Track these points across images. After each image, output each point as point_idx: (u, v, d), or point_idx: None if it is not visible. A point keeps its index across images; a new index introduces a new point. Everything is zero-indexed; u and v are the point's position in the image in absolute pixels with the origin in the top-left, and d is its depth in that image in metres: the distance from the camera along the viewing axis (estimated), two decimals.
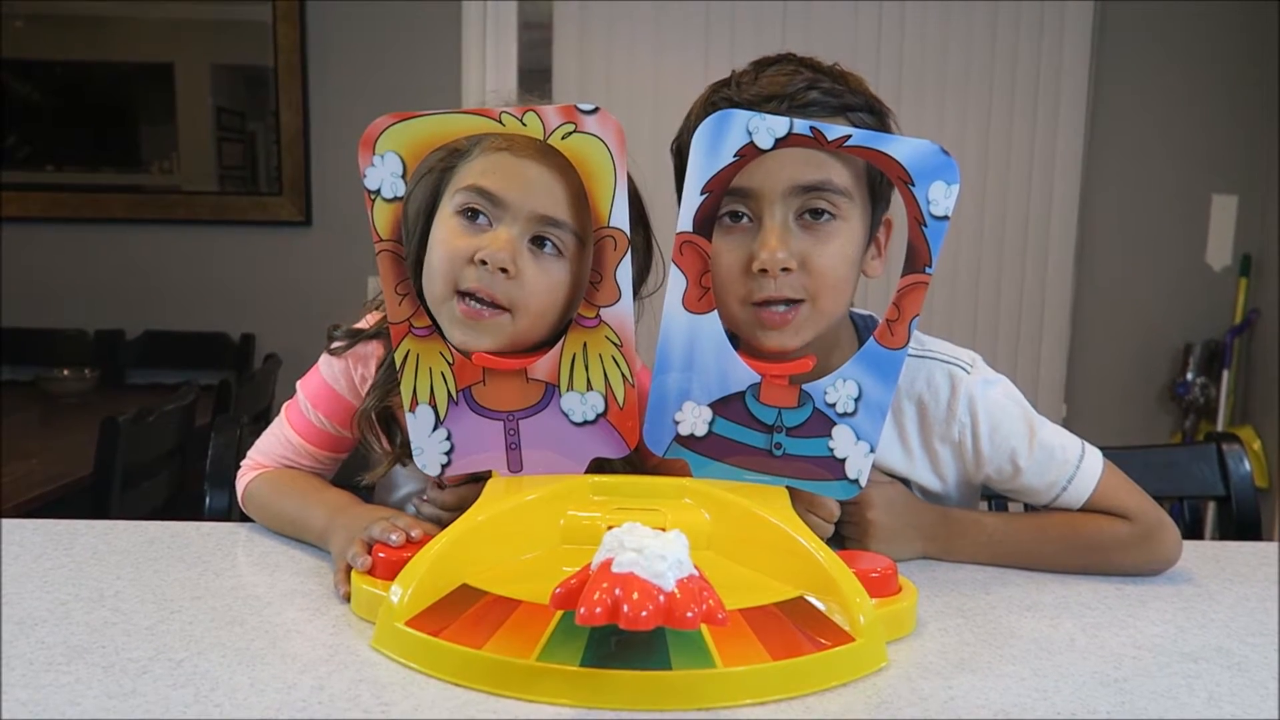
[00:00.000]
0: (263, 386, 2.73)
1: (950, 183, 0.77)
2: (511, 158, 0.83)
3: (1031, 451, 0.94)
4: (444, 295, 0.83)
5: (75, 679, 0.64)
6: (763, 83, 0.88)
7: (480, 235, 0.83)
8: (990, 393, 0.96)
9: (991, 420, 0.95)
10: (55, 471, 2.00)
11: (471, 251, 0.82)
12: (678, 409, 0.82)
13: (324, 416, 0.98)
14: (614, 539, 0.64)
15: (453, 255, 0.83)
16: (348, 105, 3.12)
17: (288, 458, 1.00)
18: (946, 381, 0.96)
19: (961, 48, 3.06)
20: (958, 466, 0.98)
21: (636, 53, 3.09)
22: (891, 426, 0.98)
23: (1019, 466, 0.95)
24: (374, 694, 0.63)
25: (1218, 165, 3.09)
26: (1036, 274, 3.14)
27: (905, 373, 0.97)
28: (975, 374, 0.96)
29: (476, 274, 0.82)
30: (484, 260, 0.81)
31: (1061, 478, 0.94)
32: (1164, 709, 0.64)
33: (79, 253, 3.24)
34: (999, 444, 0.95)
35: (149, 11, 3.18)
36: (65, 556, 0.88)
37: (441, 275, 0.83)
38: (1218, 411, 3.03)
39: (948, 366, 0.97)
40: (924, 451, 0.98)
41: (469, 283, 0.82)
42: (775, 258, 0.83)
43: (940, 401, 0.96)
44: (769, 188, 0.84)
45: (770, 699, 0.63)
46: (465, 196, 0.84)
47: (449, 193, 0.86)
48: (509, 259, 0.81)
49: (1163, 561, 0.92)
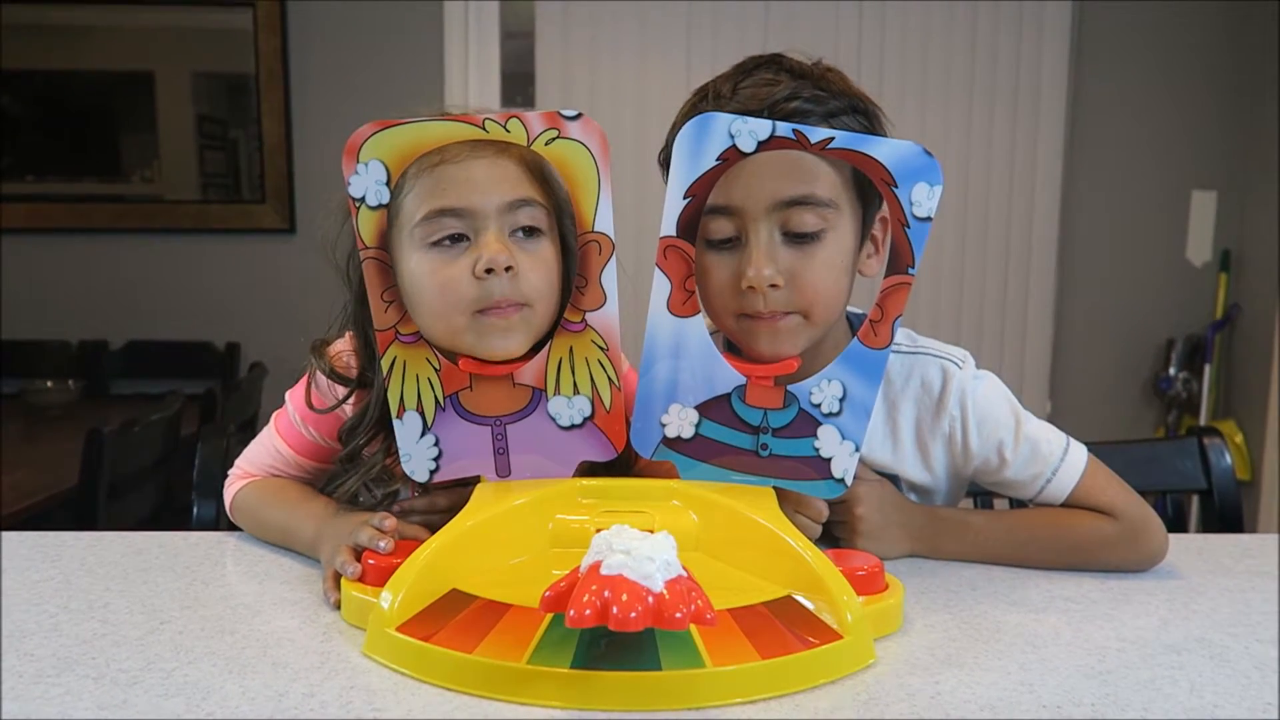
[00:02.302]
0: (249, 395, 2.72)
1: (933, 184, 0.78)
2: (453, 168, 0.81)
3: (1017, 444, 0.95)
4: (463, 322, 0.81)
5: (65, 690, 0.64)
6: (743, 96, 0.86)
7: (467, 254, 0.81)
8: (980, 386, 0.97)
9: (980, 413, 0.96)
10: (40, 483, 1.98)
11: (468, 270, 0.80)
12: (664, 411, 0.82)
13: (314, 430, 0.97)
14: (602, 541, 0.64)
15: (452, 283, 0.81)
16: (330, 112, 3.11)
17: (275, 468, 1.00)
18: (939, 375, 0.97)
19: (942, 48, 3.08)
20: (947, 460, 0.99)
21: (619, 56, 3.09)
22: (884, 421, 0.99)
23: (1004, 459, 0.96)
24: (366, 700, 0.63)
25: (1197, 162, 3.12)
26: (1019, 272, 3.16)
27: (898, 368, 0.98)
28: (966, 368, 0.98)
29: (487, 287, 0.80)
30: (488, 269, 0.80)
31: (1046, 470, 0.95)
32: (1148, 700, 0.65)
33: (61, 263, 3.22)
34: (987, 436, 0.96)
35: (129, 20, 3.16)
36: (53, 568, 0.87)
37: (450, 307, 0.81)
38: (1200, 406, 3.05)
39: (940, 361, 0.98)
40: (915, 446, 0.99)
41: (485, 299, 0.80)
42: (762, 275, 0.83)
43: (932, 395, 0.98)
44: (752, 204, 0.83)
45: (760, 697, 0.64)
46: (432, 226, 0.81)
47: (403, 228, 0.82)
48: (508, 257, 0.80)
49: (1149, 558, 0.92)
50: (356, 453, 0.90)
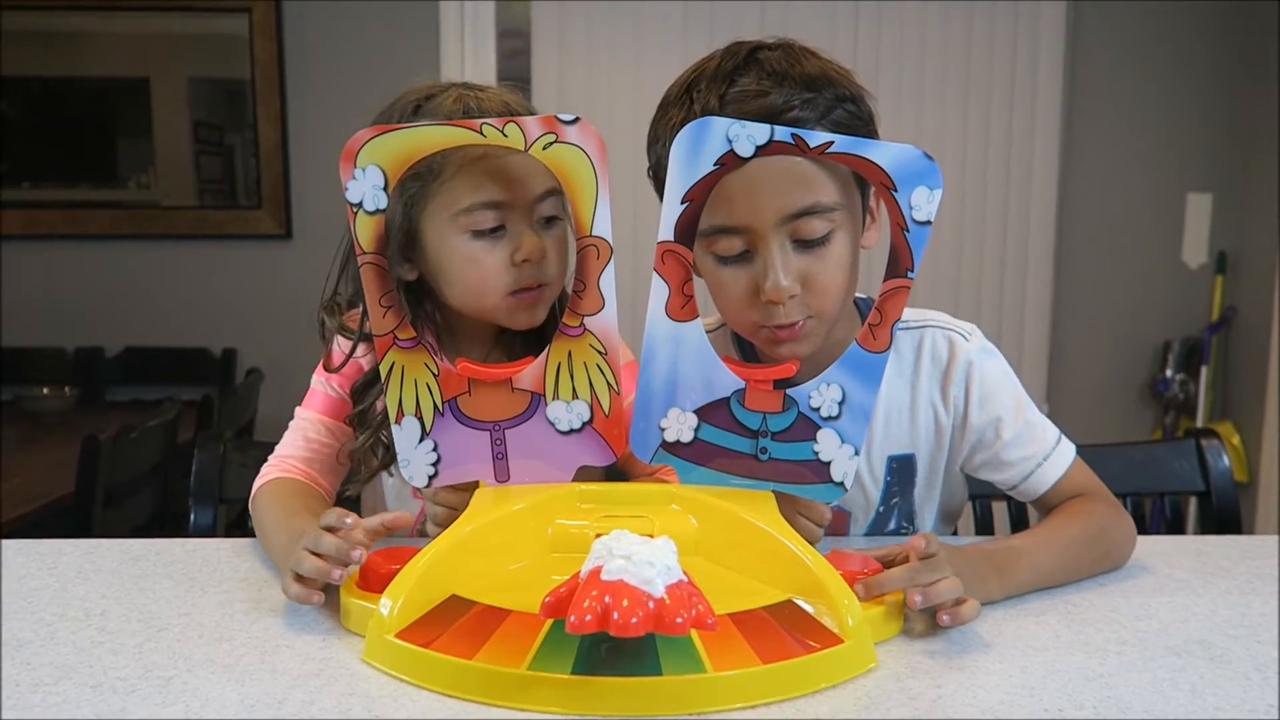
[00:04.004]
0: (246, 401, 2.71)
1: (933, 188, 0.78)
2: (494, 162, 0.88)
3: (1015, 424, 0.97)
4: (497, 301, 0.92)
5: (64, 699, 0.64)
6: (733, 113, 0.82)
7: (504, 242, 0.90)
8: (987, 362, 0.99)
9: (984, 388, 0.98)
10: (36, 491, 1.98)
11: (507, 257, 0.90)
12: (663, 415, 0.82)
13: (337, 386, 1.01)
14: (602, 546, 0.64)
15: (496, 270, 0.90)
16: (326, 117, 3.11)
17: (309, 437, 1.00)
18: (946, 346, 0.99)
19: (936, 50, 3.09)
20: (948, 431, 1.00)
21: (616, 59, 3.09)
22: (906, 400, 0.99)
23: (1000, 436, 0.97)
24: (365, 707, 0.63)
25: (1192, 164, 3.12)
26: (1015, 274, 3.16)
27: (908, 344, 1.00)
28: (974, 341, 0.99)
29: (519, 273, 0.91)
30: (526, 259, 0.90)
31: (1038, 454, 0.97)
32: (1149, 702, 0.65)
33: (57, 269, 3.21)
34: (988, 410, 0.98)
35: (125, 26, 3.16)
36: (50, 576, 0.87)
37: (490, 291, 0.91)
38: (1197, 408, 3.06)
39: (947, 333, 1.00)
40: (933, 425, 1.00)
41: (521, 282, 0.91)
42: (780, 288, 0.83)
43: (940, 367, 0.99)
44: (760, 221, 0.83)
45: (761, 702, 0.64)
46: (476, 217, 0.89)
47: (442, 215, 0.90)
48: (544, 249, 0.91)
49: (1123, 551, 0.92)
50: (367, 411, 0.96)
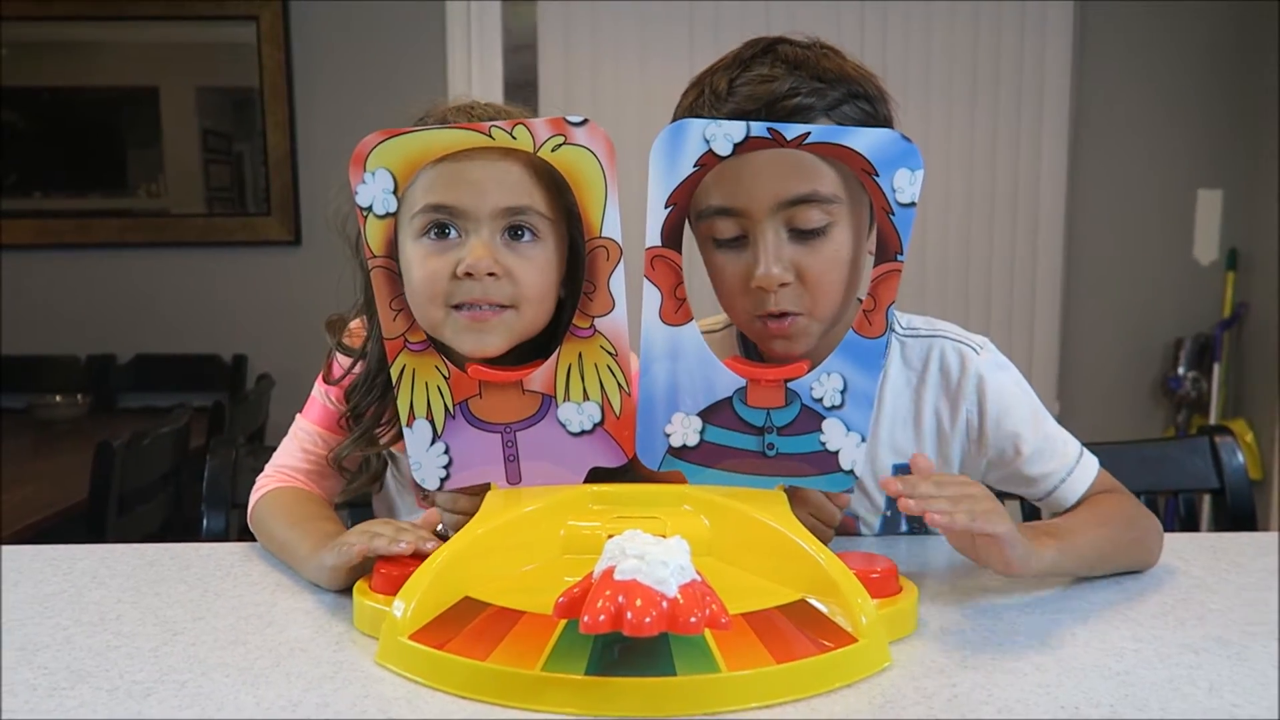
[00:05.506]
0: (256, 407, 2.72)
1: (914, 169, 0.78)
2: (454, 164, 0.81)
3: (1035, 438, 0.95)
4: (441, 315, 0.83)
5: (80, 703, 0.64)
6: (740, 95, 0.85)
7: (454, 249, 0.82)
8: (1000, 376, 0.97)
9: (1000, 404, 0.96)
10: (50, 498, 1.99)
11: (451, 267, 0.81)
12: (667, 421, 0.82)
13: (335, 399, 0.99)
14: (615, 547, 0.64)
15: (433, 277, 0.82)
16: (334, 123, 3.12)
17: (305, 449, 1.00)
18: (957, 360, 0.97)
19: (944, 49, 3.08)
20: (963, 449, 0.98)
21: (622, 61, 3.10)
22: (909, 407, 0.98)
23: (1020, 451, 0.95)
24: (380, 709, 0.63)
25: (1202, 160, 3.11)
26: (1026, 273, 3.15)
27: (917, 353, 0.98)
28: (985, 355, 0.97)
29: (465, 287, 0.81)
30: (468, 272, 0.81)
31: (1061, 469, 0.95)
32: (1166, 700, 0.65)
33: (68, 278, 3.23)
34: (1005, 427, 0.95)
35: (133, 36, 3.18)
36: (65, 581, 0.87)
37: (429, 299, 0.82)
38: (1210, 405, 3.04)
39: (958, 345, 0.98)
40: (935, 435, 0.98)
41: (460, 297, 0.82)
42: (770, 275, 0.83)
43: (950, 381, 0.97)
44: (756, 205, 0.83)
45: (775, 702, 0.64)
46: (424, 219, 0.82)
47: (404, 218, 0.83)
48: (490, 263, 0.81)
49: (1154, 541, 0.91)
50: (360, 413, 0.94)
